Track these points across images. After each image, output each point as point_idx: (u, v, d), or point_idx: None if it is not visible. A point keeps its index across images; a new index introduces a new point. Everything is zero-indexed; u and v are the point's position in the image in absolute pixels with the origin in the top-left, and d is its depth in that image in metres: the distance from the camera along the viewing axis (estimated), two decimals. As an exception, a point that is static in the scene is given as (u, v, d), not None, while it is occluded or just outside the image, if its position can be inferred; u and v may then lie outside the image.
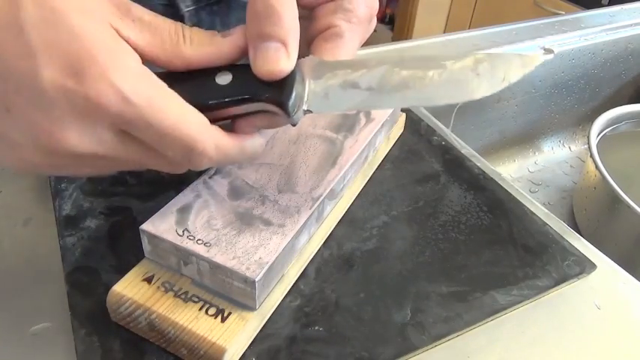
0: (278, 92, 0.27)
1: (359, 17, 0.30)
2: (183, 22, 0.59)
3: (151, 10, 0.27)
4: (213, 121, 0.27)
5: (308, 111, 0.28)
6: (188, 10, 0.54)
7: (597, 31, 0.75)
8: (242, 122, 0.28)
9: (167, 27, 0.27)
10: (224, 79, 0.27)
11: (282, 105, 0.27)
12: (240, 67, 0.28)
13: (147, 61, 0.26)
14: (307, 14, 0.32)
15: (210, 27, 0.55)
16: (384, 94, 0.28)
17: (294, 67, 0.27)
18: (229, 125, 0.28)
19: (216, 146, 0.26)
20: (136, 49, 0.25)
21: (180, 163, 0.26)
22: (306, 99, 0.28)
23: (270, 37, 0.26)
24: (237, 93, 0.27)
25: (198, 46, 0.27)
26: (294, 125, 0.29)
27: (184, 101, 0.25)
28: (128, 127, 0.24)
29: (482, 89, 0.28)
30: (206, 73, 0.27)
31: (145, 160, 0.26)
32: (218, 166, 0.34)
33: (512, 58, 0.28)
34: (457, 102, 0.29)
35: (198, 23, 0.55)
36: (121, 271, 0.30)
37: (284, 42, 0.26)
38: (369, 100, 0.28)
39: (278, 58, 0.27)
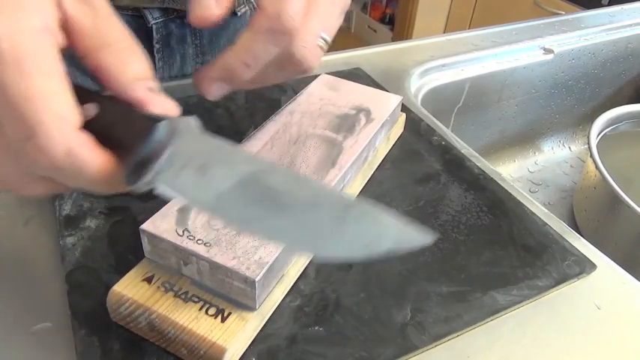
0: (125, 145, 0.23)
1: None
2: (151, 35, 0.53)
3: None
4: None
5: (151, 185, 0.23)
6: (156, 22, 0.52)
7: (597, 31, 0.75)
8: None
9: (119, 29, 0.25)
10: (93, 109, 0.24)
11: (124, 161, 0.23)
12: (110, 99, 0.25)
13: (70, 34, 0.24)
14: None
15: (180, 39, 0.55)
16: (234, 202, 0.23)
17: (162, 133, 0.23)
18: None
19: (68, 151, 0.22)
20: (68, 14, 0.24)
21: (17, 151, 0.22)
22: (155, 169, 0.23)
23: None
24: (97, 129, 0.24)
25: (120, 68, 0.25)
26: (131, 189, 0.24)
27: (63, 83, 0.22)
28: None
29: (337, 247, 0.22)
30: (82, 96, 0.24)
31: None
32: (66, 183, 0.24)
33: (391, 229, 0.23)
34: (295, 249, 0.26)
35: (167, 36, 0.53)
36: (121, 271, 0.30)
37: None
38: (215, 203, 0.23)
39: (209, 5, 0.28)
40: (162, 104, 0.25)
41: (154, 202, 0.38)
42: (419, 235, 0.23)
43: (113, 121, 0.24)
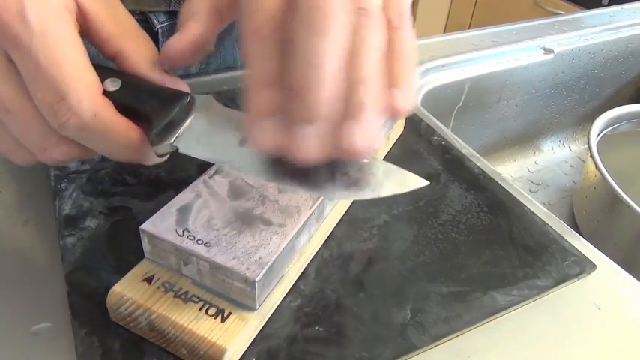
0: (152, 113, 0.26)
1: None
2: (157, 39, 0.56)
3: None
4: None
5: (174, 147, 0.27)
6: (162, 26, 0.52)
7: (597, 31, 0.75)
8: None
9: (130, 17, 0.27)
10: (114, 84, 0.26)
11: (149, 127, 0.26)
12: (130, 76, 0.27)
13: (88, 23, 0.26)
14: None
15: None
16: (253, 158, 0.26)
17: (186, 103, 0.27)
18: None
19: (95, 113, 0.24)
20: (84, 7, 0.26)
21: (47, 114, 0.24)
22: (177, 134, 0.26)
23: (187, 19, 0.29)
24: (120, 100, 0.26)
25: (139, 52, 0.27)
26: (158, 156, 0.27)
27: (85, 54, 0.24)
28: (11, 47, 0.23)
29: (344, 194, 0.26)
30: (98, 72, 0.26)
31: (12, 102, 0.24)
32: (92, 146, 0.26)
33: (400, 176, 0.26)
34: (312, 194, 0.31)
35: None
36: (121, 271, 0.30)
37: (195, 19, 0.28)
38: (236, 161, 0.26)
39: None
40: (178, 82, 0.28)
41: (154, 202, 0.38)
42: (417, 179, 0.26)
43: (135, 94, 0.26)
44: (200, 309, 0.29)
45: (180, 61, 0.28)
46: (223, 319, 0.29)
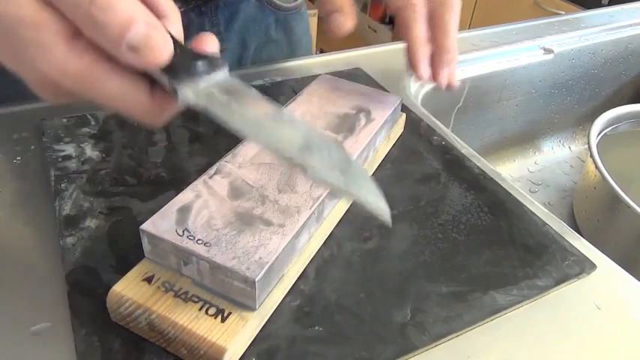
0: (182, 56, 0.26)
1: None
2: None
3: None
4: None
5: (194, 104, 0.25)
6: None
7: (597, 31, 0.75)
8: None
9: None
10: None
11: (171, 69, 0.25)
12: None
13: None
14: None
15: (199, 28, 0.57)
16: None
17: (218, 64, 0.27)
18: None
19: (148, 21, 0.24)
20: None
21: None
22: (200, 86, 0.26)
23: (334, 10, 0.41)
24: None
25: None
26: (176, 99, 0.25)
27: None
28: None
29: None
30: None
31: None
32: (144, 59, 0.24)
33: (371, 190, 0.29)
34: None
35: (187, 25, 0.54)
36: (121, 271, 0.30)
37: (342, 11, 0.40)
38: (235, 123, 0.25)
39: (339, 22, 0.40)
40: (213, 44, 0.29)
41: (154, 202, 0.38)
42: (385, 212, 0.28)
43: None
44: (200, 309, 0.29)
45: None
46: (223, 319, 0.29)
